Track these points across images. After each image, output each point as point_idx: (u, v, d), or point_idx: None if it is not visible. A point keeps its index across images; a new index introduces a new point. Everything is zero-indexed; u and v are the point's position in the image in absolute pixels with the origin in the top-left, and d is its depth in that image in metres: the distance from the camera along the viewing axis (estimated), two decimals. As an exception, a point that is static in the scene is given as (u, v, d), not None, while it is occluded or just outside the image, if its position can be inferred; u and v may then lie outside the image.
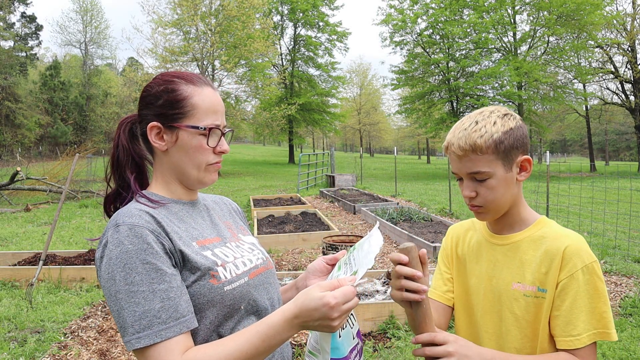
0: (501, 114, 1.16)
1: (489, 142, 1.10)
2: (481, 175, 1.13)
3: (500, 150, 1.11)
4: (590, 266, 1.09)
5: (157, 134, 1.08)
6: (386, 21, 28.28)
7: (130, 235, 0.93)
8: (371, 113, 62.00)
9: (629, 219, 7.47)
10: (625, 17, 27.70)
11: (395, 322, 3.82)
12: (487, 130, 1.11)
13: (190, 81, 1.09)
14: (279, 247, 6.84)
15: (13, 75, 36.31)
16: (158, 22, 24.94)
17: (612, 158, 58.63)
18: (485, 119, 1.14)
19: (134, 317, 0.89)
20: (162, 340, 0.89)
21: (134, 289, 0.90)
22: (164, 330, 0.90)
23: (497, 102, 26.56)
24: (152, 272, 0.92)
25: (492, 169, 1.12)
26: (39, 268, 4.62)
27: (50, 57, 47.66)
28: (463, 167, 1.15)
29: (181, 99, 1.07)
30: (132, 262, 0.91)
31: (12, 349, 3.58)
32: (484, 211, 1.17)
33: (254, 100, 32.08)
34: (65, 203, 11.88)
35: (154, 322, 0.90)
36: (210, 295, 0.99)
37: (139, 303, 0.90)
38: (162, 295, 0.92)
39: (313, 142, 74.75)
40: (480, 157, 1.12)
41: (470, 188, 1.16)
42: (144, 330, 0.89)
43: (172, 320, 0.91)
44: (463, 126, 1.15)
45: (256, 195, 13.33)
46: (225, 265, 1.05)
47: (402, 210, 9.36)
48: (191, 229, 1.07)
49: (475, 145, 1.11)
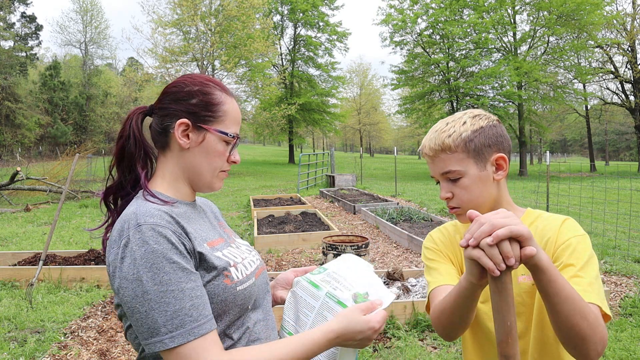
0: (473, 114, 1.17)
1: (457, 141, 1.12)
2: (453, 175, 1.14)
3: (470, 149, 1.12)
4: (583, 236, 1.10)
5: (183, 131, 1.07)
6: (386, 21, 28.27)
7: (155, 235, 0.93)
8: (371, 113, 62.00)
9: (629, 219, 7.47)
10: (625, 17, 27.69)
11: (395, 322, 3.82)
12: (456, 130, 1.13)
13: (223, 89, 1.12)
14: (279, 247, 6.84)
15: (13, 75, 36.32)
16: (158, 22, 24.94)
17: (612, 158, 58.64)
18: (456, 120, 1.16)
19: (165, 317, 0.90)
20: (195, 338, 0.91)
21: (164, 289, 0.90)
22: (196, 328, 0.91)
23: (497, 102, 26.57)
24: (179, 271, 0.93)
25: (464, 167, 1.13)
26: (39, 268, 4.62)
27: (50, 57, 47.65)
28: (436, 168, 1.17)
29: (216, 103, 1.09)
30: (159, 262, 0.91)
31: (12, 349, 3.58)
32: (462, 212, 1.16)
33: (254, 100, 32.15)
34: (65, 203, 11.88)
35: (186, 320, 0.91)
36: (224, 295, 1.00)
37: (169, 302, 0.90)
38: (191, 294, 0.93)
39: (313, 142, 74.74)
40: (450, 156, 1.13)
41: (446, 189, 1.16)
42: (177, 329, 0.90)
43: (203, 318, 0.93)
44: (434, 128, 1.17)
45: (256, 195, 13.33)
46: (236, 266, 1.07)
47: (402, 210, 9.36)
48: (199, 229, 1.07)
49: (444, 144, 1.13)
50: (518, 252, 0.82)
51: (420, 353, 3.41)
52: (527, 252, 0.82)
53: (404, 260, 6.20)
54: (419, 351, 3.44)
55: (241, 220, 9.44)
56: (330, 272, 1.19)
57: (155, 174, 1.12)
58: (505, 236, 0.81)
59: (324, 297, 1.12)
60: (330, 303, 1.11)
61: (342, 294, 1.11)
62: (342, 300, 1.10)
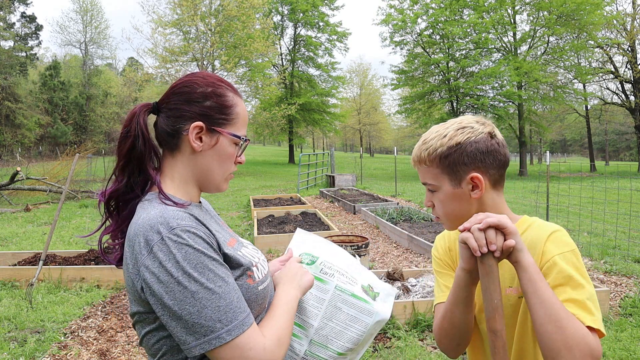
0: (460, 126, 1.13)
1: (432, 156, 1.13)
2: (429, 187, 1.17)
3: (444, 165, 1.12)
4: (571, 253, 1.05)
5: (197, 134, 1.04)
6: (386, 21, 28.26)
7: (192, 237, 0.93)
8: (371, 113, 61.94)
9: (629, 219, 7.47)
10: (625, 17, 27.69)
11: (395, 322, 3.82)
12: (433, 144, 1.13)
13: (233, 90, 1.11)
14: (279, 247, 6.84)
15: (13, 75, 36.31)
16: (158, 22, 24.95)
17: (612, 158, 58.62)
18: (441, 131, 1.14)
19: (219, 312, 0.91)
20: (248, 327, 0.94)
21: (211, 286, 0.92)
22: (246, 318, 0.94)
23: (497, 102, 26.57)
24: (220, 268, 0.95)
25: (438, 182, 1.14)
26: (39, 268, 4.62)
27: (50, 57, 47.62)
28: (420, 176, 1.20)
29: (229, 106, 1.08)
30: (202, 261, 0.92)
31: (12, 349, 3.58)
32: (442, 221, 1.20)
33: (254, 100, 32.10)
34: (65, 203, 11.88)
35: (238, 312, 0.93)
36: (248, 294, 1.01)
37: (220, 298, 0.92)
38: (234, 287, 0.96)
39: (313, 142, 74.72)
40: (426, 169, 1.16)
41: (428, 198, 1.20)
42: (232, 322, 0.92)
43: (247, 308, 0.97)
44: (423, 137, 1.19)
45: (256, 195, 13.33)
46: (257, 266, 1.08)
47: (402, 210, 9.36)
48: (215, 231, 1.05)
49: (421, 157, 1.16)
50: (502, 241, 0.96)
51: (420, 353, 3.41)
52: (508, 243, 0.96)
53: (404, 260, 6.20)
54: (419, 351, 3.44)
55: (241, 220, 9.44)
56: (324, 261, 1.28)
57: (163, 176, 1.07)
58: (493, 224, 0.96)
59: (334, 290, 1.23)
60: (343, 295, 1.22)
61: (352, 287, 1.24)
62: (355, 293, 1.23)
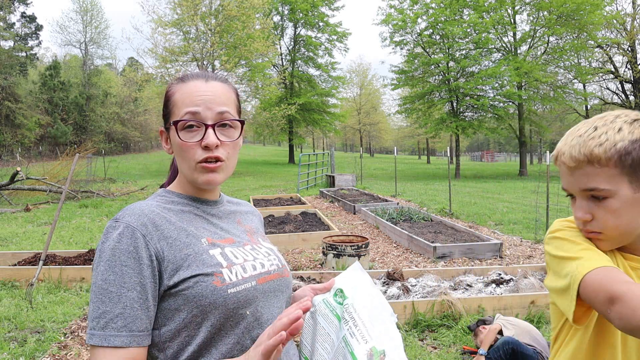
0: (630, 118, 0.94)
1: (611, 153, 0.91)
2: (599, 193, 0.93)
3: (626, 164, 0.90)
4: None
5: (165, 139, 1.10)
6: (386, 21, 28.25)
7: (122, 234, 0.93)
8: (371, 113, 61.96)
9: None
10: (625, 17, 27.69)
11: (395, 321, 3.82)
12: (609, 137, 0.92)
13: (182, 78, 1.06)
14: (279, 247, 6.83)
15: (13, 75, 36.29)
16: (158, 22, 24.93)
17: (612, 158, 58.63)
18: (608, 124, 0.94)
19: (95, 314, 0.89)
20: (108, 345, 0.87)
21: (105, 287, 0.90)
22: (112, 337, 0.88)
23: (497, 102, 26.56)
24: (127, 276, 0.90)
25: (614, 186, 0.91)
26: (39, 268, 4.62)
27: (50, 57, 47.63)
28: (575, 182, 0.96)
29: (167, 99, 1.06)
30: (114, 260, 0.91)
31: (12, 349, 3.58)
32: (603, 238, 0.96)
33: (254, 100, 32.10)
34: (65, 203, 11.88)
35: (109, 325, 0.88)
36: (213, 297, 0.95)
37: (104, 302, 0.89)
38: (126, 303, 0.89)
39: (313, 142, 74.71)
40: (598, 171, 0.92)
41: (585, 209, 0.96)
42: (98, 330, 0.88)
43: (126, 331, 0.89)
44: (578, 132, 0.97)
45: (256, 195, 13.33)
46: (231, 267, 1.00)
47: (402, 210, 9.36)
48: (201, 228, 1.04)
49: (592, 155, 0.92)
50: None
51: (420, 353, 3.41)
52: None
53: (404, 260, 6.20)
54: (419, 351, 3.44)
55: (241, 220, 9.44)
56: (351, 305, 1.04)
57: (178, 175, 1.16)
58: None
59: (341, 340, 1.02)
60: (345, 350, 1.00)
61: (358, 346, 0.99)
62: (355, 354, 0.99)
